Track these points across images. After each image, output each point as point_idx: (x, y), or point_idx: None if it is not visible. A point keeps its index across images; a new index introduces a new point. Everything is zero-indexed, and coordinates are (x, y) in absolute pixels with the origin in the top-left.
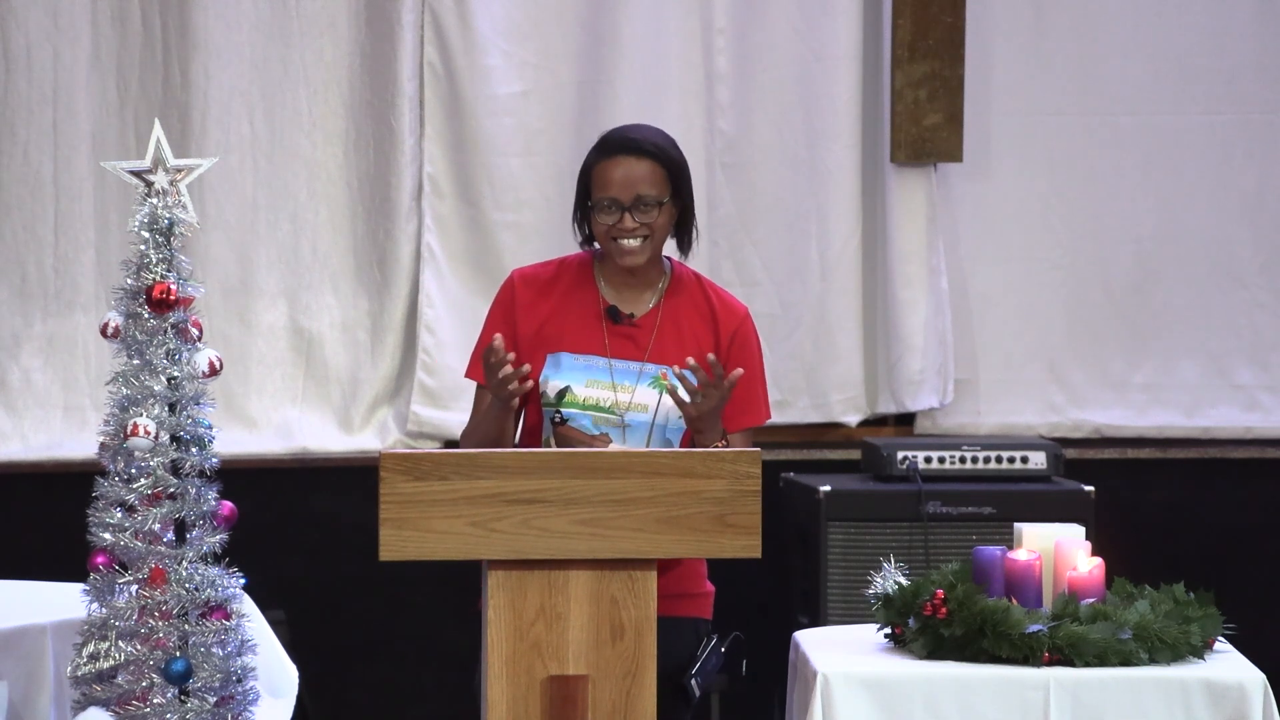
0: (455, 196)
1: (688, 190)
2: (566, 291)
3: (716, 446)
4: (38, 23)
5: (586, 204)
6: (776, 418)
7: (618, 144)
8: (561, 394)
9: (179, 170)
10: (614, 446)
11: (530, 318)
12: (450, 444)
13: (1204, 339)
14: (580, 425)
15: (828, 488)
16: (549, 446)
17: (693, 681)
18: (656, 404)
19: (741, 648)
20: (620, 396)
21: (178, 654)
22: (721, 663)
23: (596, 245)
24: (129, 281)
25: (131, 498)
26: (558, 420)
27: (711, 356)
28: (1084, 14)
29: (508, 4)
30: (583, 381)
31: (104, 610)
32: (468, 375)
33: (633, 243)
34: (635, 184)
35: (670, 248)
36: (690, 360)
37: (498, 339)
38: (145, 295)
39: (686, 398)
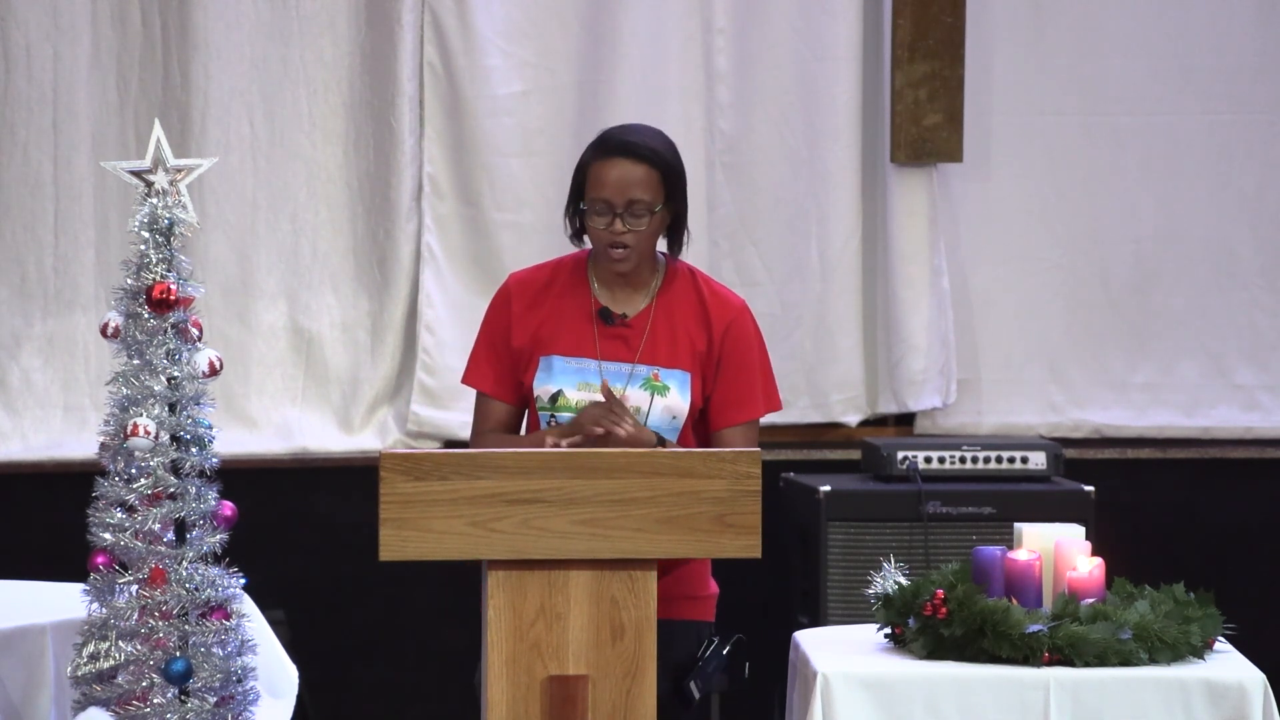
0: (455, 197)
1: (682, 195)
2: (560, 294)
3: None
4: (38, 23)
5: (579, 202)
6: (776, 418)
7: (616, 146)
8: (555, 398)
9: (179, 170)
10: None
11: (525, 324)
12: (450, 444)
13: (1204, 339)
14: None
15: (828, 488)
16: None
17: (692, 684)
18: (649, 406)
19: (744, 650)
20: None
21: (178, 654)
22: (724, 665)
23: (586, 242)
24: (129, 281)
25: (131, 498)
26: (554, 425)
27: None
28: (1084, 14)
29: (508, 4)
30: (574, 385)
31: (104, 610)
32: (466, 381)
33: (620, 250)
34: (629, 188)
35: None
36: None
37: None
38: (145, 295)
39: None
